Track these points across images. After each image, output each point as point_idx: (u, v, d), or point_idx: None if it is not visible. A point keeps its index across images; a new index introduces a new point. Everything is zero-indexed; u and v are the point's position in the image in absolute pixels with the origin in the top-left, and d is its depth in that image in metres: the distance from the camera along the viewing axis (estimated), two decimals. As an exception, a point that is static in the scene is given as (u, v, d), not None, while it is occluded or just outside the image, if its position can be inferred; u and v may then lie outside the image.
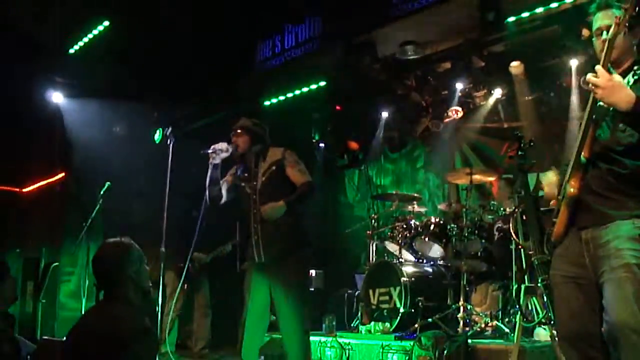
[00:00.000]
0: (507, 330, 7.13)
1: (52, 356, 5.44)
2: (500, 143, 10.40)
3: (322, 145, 12.08)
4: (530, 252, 6.57)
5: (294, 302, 5.91)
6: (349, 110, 11.26)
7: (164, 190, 9.09)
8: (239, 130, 6.19)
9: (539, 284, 6.59)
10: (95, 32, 9.79)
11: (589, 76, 3.78)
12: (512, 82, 9.55)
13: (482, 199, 9.78)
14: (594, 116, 3.88)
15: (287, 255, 5.90)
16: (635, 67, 3.94)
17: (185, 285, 9.50)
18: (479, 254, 8.24)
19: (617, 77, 3.76)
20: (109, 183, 8.90)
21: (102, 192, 8.95)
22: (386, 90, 10.57)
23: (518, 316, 6.60)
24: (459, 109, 10.42)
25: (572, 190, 3.96)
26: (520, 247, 7.02)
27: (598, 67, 3.75)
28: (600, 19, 4.04)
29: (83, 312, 8.50)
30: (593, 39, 4.12)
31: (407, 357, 6.85)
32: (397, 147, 11.97)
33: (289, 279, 5.91)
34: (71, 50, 10.23)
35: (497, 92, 9.90)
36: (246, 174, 6.19)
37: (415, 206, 9.19)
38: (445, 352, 6.57)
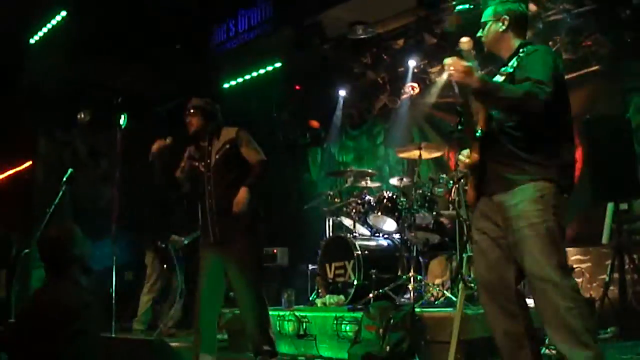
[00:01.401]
0: (454, 299, 7.38)
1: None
2: (456, 117, 10.60)
3: (282, 123, 12.25)
4: (468, 222, 6.90)
5: (250, 278, 6.12)
6: (309, 90, 11.47)
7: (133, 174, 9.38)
8: (191, 110, 6.33)
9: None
10: (53, 22, 9.91)
11: (445, 60, 4.26)
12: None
13: (441, 172, 10.00)
14: None
15: (242, 233, 6.07)
16: (520, 50, 4.42)
17: (165, 266, 9.67)
18: (430, 226, 8.44)
19: (467, 63, 4.20)
20: (71, 170, 9.01)
21: (64, 179, 9.08)
22: (342, 69, 10.78)
23: (460, 284, 6.88)
24: (415, 85, 10.64)
25: (472, 160, 4.36)
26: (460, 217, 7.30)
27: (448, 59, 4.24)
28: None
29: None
30: None
31: (357, 327, 7.12)
32: (357, 124, 12.18)
33: (244, 256, 6.09)
34: (31, 41, 10.35)
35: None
36: (200, 154, 6.38)
37: (369, 181, 9.42)
38: (391, 321, 6.82)
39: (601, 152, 8.05)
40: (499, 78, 4.40)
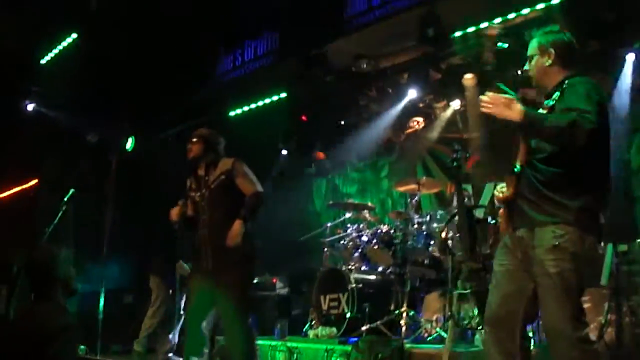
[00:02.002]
0: (445, 336, 7.36)
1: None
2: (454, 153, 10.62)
3: (284, 152, 12.31)
4: (461, 261, 6.89)
5: (238, 309, 6.08)
6: (314, 121, 11.53)
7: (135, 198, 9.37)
8: (194, 139, 6.42)
9: (468, 290, 6.90)
10: (64, 43, 10.04)
11: (484, 95, 4.20)
12: (469, 94, 9.82)
13: (442, 207, 10.00)
14: None
15: (234, 264, 6.05)
16: (564, 83, 4.34)
17: (170, 291, 9.67)
18: (426, 261, 8.42)
19: (504, 96, 4.15)
20: (72, 190, 9.10)
21: (65, 199, 9.15)
22: (348, 101, 10.83)
23: (450, 322, 6.87)
24: (420, 119, 10.68)
25: (507, 194, 4.42)
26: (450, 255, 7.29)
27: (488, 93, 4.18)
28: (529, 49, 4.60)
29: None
30: None
31: (346, 360, 7.12)
32: (362, 156, 12.18)
33: (234, 288, 6.06)
34: (42, 61, 10.47)
35: (455, 104, 10.15)
36: (197, 183, 6.44)
37: (367, 214, 9.43)
38: (379, 355, 6.80)
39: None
40: (541, 112, 4.35)
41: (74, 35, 9.90)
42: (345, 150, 11.87)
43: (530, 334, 6.05)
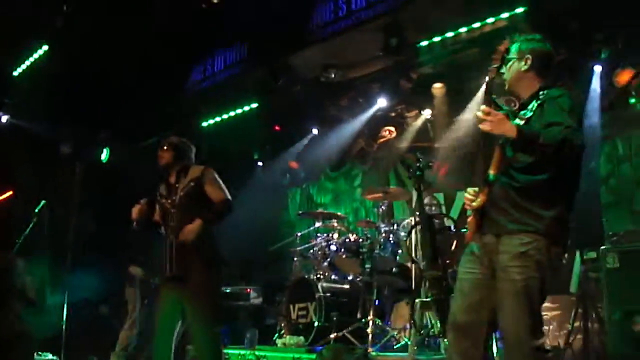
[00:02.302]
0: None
1: None
2: (432, 162, 10.69)
3: (260, 164, 12.36)
4: (422, 269, 6.95)
5: (205, 316, 6.08)
6: (287, 131, 11.61)
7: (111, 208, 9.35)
8: (165, 147, 6.44)
9: (429, 299, 6.95)
10: (35, 55, 10.09)
11: (477, 113, 4.15)
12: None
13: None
14: (500, 141, 4.23)
15: (199, 270, 6.06)
16: (541, 93, 4.34)
17: (145, 301, 9.66)
18: (394, 270, 8.45)
19: (500, 113, 4.12)
20: (43, 201, 9.11)
21: (36, 210, 9.16)
22: (319, 111, 10.91)
23: (412, 330, 6.93)
24: (392, 128, 10.71)
25: (479, 202, 4.33)
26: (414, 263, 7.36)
27: (483, 107, 4.10)
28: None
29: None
30: None
31: (312, 369, 7.18)
32: (336, 166, 12.26)
33: (200, 294, 6.05)
34: (15, 73, 10.52)
35: (427, 113, 10.20)
36: (167, 190, 6.49)
37: (335, 223, 9.47)
38: (343, 363, 6.86)
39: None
40: (518, 121, 4.30)
41: (45, 48, 9.91)
42: (318, 159, 11.94)
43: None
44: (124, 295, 9.81)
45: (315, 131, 11.67)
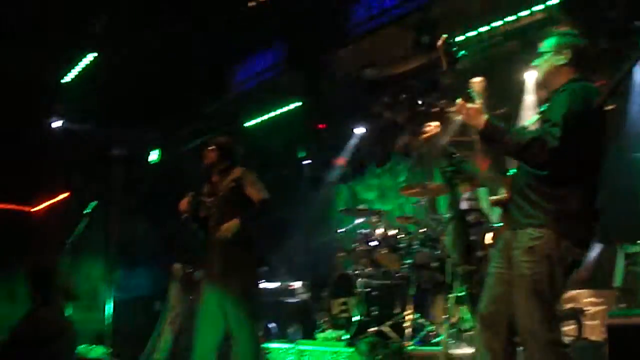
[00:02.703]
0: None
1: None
2: (476, 156, 10.67)
3: (305, 162, 12.50)
4: (456, 264, 7.01)
5: (243, 314, 6.21)
6: (332, 128, 11.73)
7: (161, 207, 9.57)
8: (211, 147, 6.63)
9: (461, 293, 7.02)
10: (84, 63, 10.39)
11: (457, 101, 4.47)
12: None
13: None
14: None
15: (236, 270, 6.24)
16: (561, 89, 4.35)
17: (190, 297, 9.84)
18: (434, 264, 8.48)
19: (474, 105, 4.39)
20: (95, 202, 9.34)
21: (86, 211, 9.39)
22: (363, 108, 11.00)
23: (446, 324, 7.00)
24: (435, 124, 10.72)
25: (502, 197, 4.50)
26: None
27: (459, 99, 4.47)
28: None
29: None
30: None
31: (349, 363, 7.31)
32: (381, 162, 12.34)
33: (237, 293, 6.21)
34: (65, 80, 10.85)
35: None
36: (210, 190, 6.65)
37: (378, 219, 9.54)
38: (379, 357, 6.97)
39: (608, 193, 8.07)
40: (535, 117, 4.47)
41: (94, 54, 10.21)
42: (363, 156, 12.05)
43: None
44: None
45: (359, 128, 11.78)
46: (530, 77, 9.07)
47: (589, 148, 4.26)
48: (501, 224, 4.65)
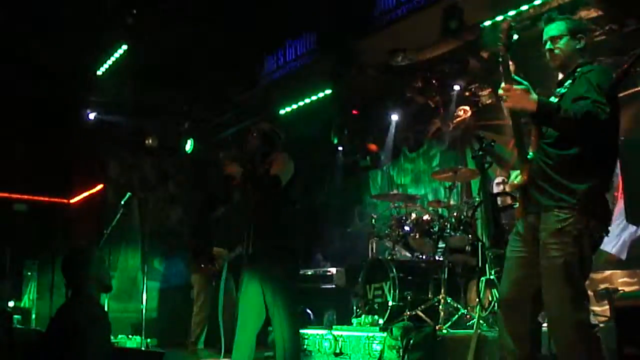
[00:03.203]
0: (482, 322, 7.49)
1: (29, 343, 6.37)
2: (507, 139, 10.67)
3: (340, 148, 12.54)
4: (486, 247, 7.05)
5: (281, 299, 6.11)
6: (364, 114, 11.78)
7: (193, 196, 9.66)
8: (254, 133, 6.55)
9: (493, 276, 7.06)
10: (116, 55, 10.53)
11: (500, 89, 4.37)
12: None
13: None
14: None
15: (276, 254, 6.17)
16: (577, 70, 4.46)
17: (213, 283, 9.93)
18: (467, 248, 8.52)
19: (519, 86, 4.29)
20: (129, 194, 9.45)
21: (122, 202, 9.49)
22: (395, 93, 11.03)
23: (478, 307, 7.05)
24: (467, 108, 10.76)
25: (520, 181, 4.51)
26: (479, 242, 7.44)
27: (503, 84, 4.34)
28: (546, 32, 4.66)
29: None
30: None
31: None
32: (414, 147, 12.35)
33: (276, 277, 6.14)
34: (99, 72, 11.00)
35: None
36: (249, 174, 6.67)
37: (410, 205, 9.56)
38: (411, 341, 7.02)
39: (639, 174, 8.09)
40: (553, 99, 4.45)
41: (124, 47, 10.34)
42: (397, 141, 12.09)
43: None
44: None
45: (392, 113, 11.81)
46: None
47: (613, 128, 4.39)
48: (517, 209, 4.70)
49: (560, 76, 4.62)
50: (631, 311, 3.73)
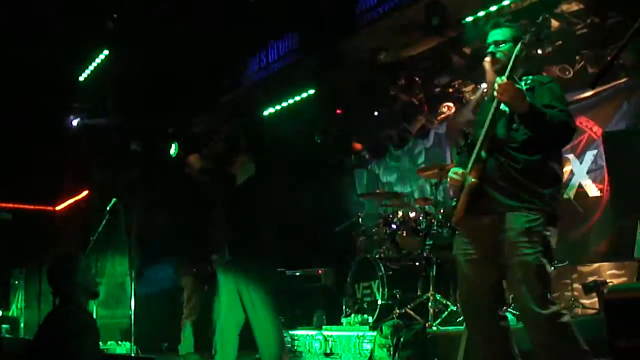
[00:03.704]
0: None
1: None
2: (463, 138, 10.67)
3: (325, 148, 12.52)
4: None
5: (258, 300, 6.20)
6: (348, 113, 11.77)
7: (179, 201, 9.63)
8: (217, 138, 6.67)
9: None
10: (98, 60, 10.50)
11: (497, 81, 4.33)
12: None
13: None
14: (488, 120, 4.43)
15: (248, 254, 6.28)
16: (524, 78, 4.52)
17: (206, 287, 9.95)
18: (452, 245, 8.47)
19: (517, 85, 4.31)
20: (115, 199, 9.40)
21: (107, 208, 9.43)
22: (378, 92, 11.02)
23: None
24: (451, 104, 10.79)
25: (473, 180, 4.43)
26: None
27: (503, 78, 4.30)
28: (491, 36, 4.71)
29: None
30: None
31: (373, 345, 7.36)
32: (398, 144, 12.32)
33: (250, 280, 6.22)
34: (81, 78, 10.97)
35: (483, 86, 10.18)
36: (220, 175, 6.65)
37: (397, 202, 9.54)
38: (402, 339, 7.01)
39: (624, 166, 8.11)
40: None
41: (106, 52, 10.32)
42: (381, 139, 12.08)
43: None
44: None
45: (376, 112, 11.79)
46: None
47: None
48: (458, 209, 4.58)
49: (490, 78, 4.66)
50: (621, 304, 3.70)
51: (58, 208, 12.93)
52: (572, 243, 8.25)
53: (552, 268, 4.39)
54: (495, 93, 4.31)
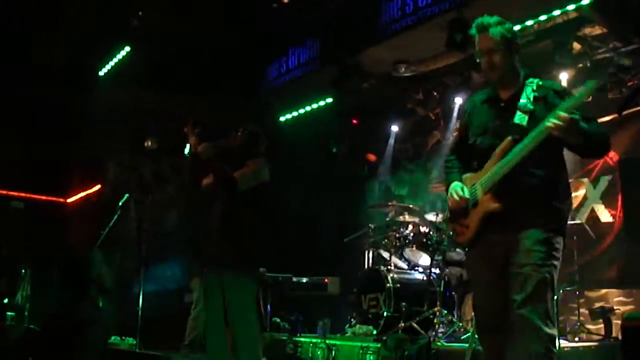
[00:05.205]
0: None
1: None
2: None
3: (339, 157, 12.54)
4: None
5: (237, 305, 5.97)
6: (364, 124, 11.80)
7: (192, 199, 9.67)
8: (241, 132, 6.41)
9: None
10: (119, 56, 10.55)
11: (552, 120, 3.89)
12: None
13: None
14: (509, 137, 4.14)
15: (234, 257, 6.01)
16: (529, 81, 4.26)
17: None
18: (462, 262, 8.48)
19: (574, 116, 3.91)
20: (127, 195, 9.43)
21: (120, 204, 9.47)
22: (395, 105, 11.05)
23: (473, 320, 7.02)
24: (466, 121, 10.76)
25: (495, 205, 4.17)
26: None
27: (561, 113, 3.86)
28: (479, 42, 4.38)
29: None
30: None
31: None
32: (413, 158, 12.34)
33: (232, 283, 5.98)
34: (100, 73, 11.01)
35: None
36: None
37: (407, 216, 9.52)
38: (406, 352, 7.01)
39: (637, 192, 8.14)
40: (521, 115, 4.14)
41: (127, 49, 10.37)
42: (396, 152, 12.09)
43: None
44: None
45: (392, 124, 11.82)
46: (564, 77, 9.05)
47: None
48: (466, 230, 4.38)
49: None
50: (637, 332, 3.67)
51: (69, 200, 12.96)
52: (581, 267, 8.20)
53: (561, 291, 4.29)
54: (548, 124, 3.90)
